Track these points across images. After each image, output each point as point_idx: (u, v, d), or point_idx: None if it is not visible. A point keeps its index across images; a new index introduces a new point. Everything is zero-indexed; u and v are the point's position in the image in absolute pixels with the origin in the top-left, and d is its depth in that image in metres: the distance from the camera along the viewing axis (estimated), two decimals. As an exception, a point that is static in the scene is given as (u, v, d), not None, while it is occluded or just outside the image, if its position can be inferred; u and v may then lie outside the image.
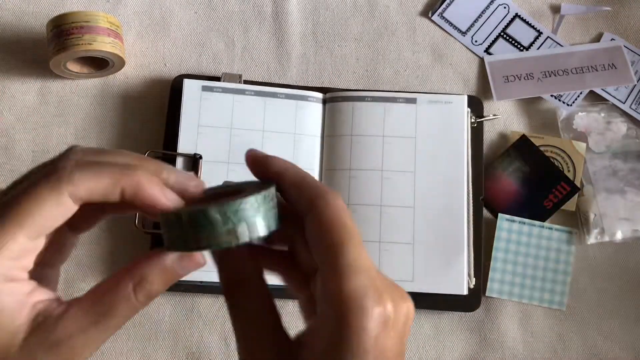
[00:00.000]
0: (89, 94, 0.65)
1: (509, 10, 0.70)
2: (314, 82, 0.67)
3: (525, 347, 0.62)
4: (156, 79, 0.66)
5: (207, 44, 0.67)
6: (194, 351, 0.60)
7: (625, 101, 0.67)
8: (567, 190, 0.64)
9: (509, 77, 0.68)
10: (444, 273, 0.60)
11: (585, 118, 0.67)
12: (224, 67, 0.67)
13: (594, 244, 0.64)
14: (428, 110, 0.63)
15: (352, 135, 0.63)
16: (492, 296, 0.63)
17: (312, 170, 0.63)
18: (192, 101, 0.62)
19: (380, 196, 0.61)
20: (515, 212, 0.64)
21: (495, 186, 0.65)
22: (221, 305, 0.61)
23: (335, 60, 0.68)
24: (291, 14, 0.69)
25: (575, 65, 0.68)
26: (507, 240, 0.63)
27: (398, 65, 0.68)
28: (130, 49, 0.66)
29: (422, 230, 0.61)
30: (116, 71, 0.65)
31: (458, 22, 0.70)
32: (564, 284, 0.63)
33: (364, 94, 0.64)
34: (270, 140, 0.62)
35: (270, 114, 0.63)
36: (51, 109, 0.65)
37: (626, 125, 0.67)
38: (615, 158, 0.66)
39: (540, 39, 0.69)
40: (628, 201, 0.64)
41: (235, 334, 0.28)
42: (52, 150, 0.63)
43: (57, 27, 0.59)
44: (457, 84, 0.68)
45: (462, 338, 0.62)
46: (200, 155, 0.61)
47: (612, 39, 0.69)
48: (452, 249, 0.60)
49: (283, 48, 0.68)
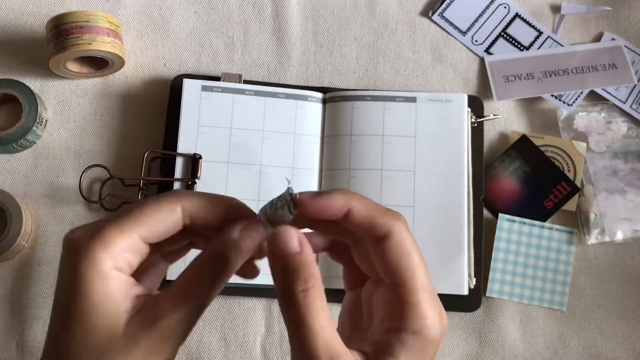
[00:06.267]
0: (88, 94, 0.65)
1: (509, 10, 0.70)
2: (314, 82, 0.67)
3: (525, 348, 0.62)
4: (156, 78, 0.66)
5: (207, 43, 0.67)
6: (194, 351, 0.60)
7: (625, 101, 0.67)
8: (567, 190, 0.64)
9: (509, 77, 0.68)
10: (444, 273, 0.60)
11: (586, 118, 0.66)
12: (223, 67, 0.67)
13: (595, 244, 0.64)
14: (428, 109, 0.63)
15: (351, 135, 0.63)
16: (493, 296, 0.62)
17: (312, 170, 0.63)
18: (191, 101, 0.62)
19: (380, 196, 0.61)
20: (516, 212, 0.64)
21: (496, 186, 0.65)
22: (221, 305, 0.61)
23: (335, 60, 0.68)
24: (291, 14, 0.69)
25: (575, 65, 0.68)
26: (507, 240, 0.63)
27: (398, 65, 0.68)
28: (130, 48, 0.66)
29: (422, 230, 0.61)
30: (116, 71, 0.65)
31: (458, 22, 0.69)
32: (565, 284, 0.63)
33: (364, 93, 0.64)
34: (270, 140, 0.62)
35: (270, 113, 0.63)
36: (50, 109, 0.64)
37: (627, 125, 0.66)
38: (615, 158, 0.66)
39: (540, 38, 0.69)
40: (628, 201, 0.64)
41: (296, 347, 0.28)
42: (52, 150, 0.63)
43: (57, 27, 0.59)
44: (457, 84, 0.68)
45: (463, 338, 0.62)
46: (200, 155, 0.61)
47: (613, 38, 0.69)
48: (452, 249, 0.60)
49: (283, 48, 0.68)
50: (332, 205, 0.30)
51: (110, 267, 0.28)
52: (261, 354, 0.61)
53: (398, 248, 0.30)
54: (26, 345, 0.59)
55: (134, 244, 0.29)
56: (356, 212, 0.30)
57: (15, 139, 0.60)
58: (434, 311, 0.29)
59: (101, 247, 0.28)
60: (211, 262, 0.30)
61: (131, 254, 0.30)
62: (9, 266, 0.61)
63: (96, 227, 0.29)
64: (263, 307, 0.61)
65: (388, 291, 0.30)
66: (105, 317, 0.28)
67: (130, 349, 0.28)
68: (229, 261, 0.30)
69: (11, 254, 0.59)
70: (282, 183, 0.61)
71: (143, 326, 0.28)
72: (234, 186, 0.61)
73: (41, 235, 0.62)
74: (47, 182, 0.63)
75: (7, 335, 0.59)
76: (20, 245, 0.60)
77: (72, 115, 0.65)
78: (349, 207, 0.30)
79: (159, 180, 0.62)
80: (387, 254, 0.30)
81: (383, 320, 0.30)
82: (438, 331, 0.29)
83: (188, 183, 0.61)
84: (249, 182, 0.61)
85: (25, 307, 0.60)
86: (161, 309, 0.28)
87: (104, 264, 0.28)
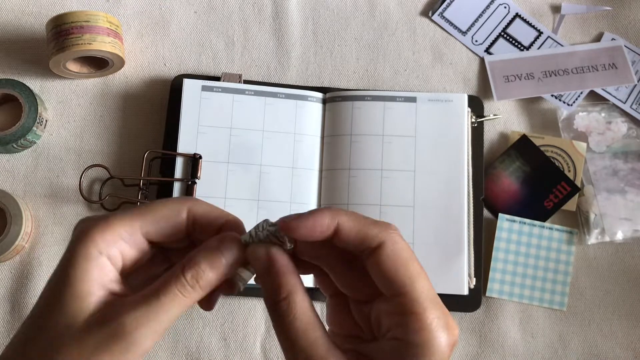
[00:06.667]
0: (88, 94, 0.65)
1: (509, 10, 0.70)
2: (314, 82, 0.67)
3: (525, 348, 0.62)
4: (156, 78, 0.66)
5: (206, 43, 0.67)
6: (194, 351, 0.60)
7: (625, 101, 0.67)
8: (567, 190, 0.64)
9: (509, 76, 0.68)
10: (444, 273, 0.60)
11: (586, 118, 0.66)
12: (223, 66, 0.67)
13: (595, 244, 0.64)
14: (428, 108, 0.63)
15: (352, 135, 0.63)
16: (493, 296, 0.62)
17: (312, 170, 0.63)
18: (191, 101, 0.62)
19: (380, 196, 0.61)
20: (516, 212, 0.64)
21: (496, 186, 0.65)
22: (221, 305, 0.61)
23: (335, 60, 0.68)
24: (291, 14, 0.69)
25: (575, 65, 0.68)
26: (507, 240, 0.63)
27: (398, 65, 0.68)
28: (130, 48, 0.66)
29: (422, 230, 0.61)
30: (116, 71, 0.65)
31: (458, 22, 0.69)
32: (565, 284, 0.63)
33: (364, 93, 0.64)
34: (270, 140, 0.62)
35: (270, 113, 0.63)
36: (50, 109, 0.64)
37: (627, 125, 0.66)
38: (615, 158, 0.66)
39: (540, 38, 0.69)
40: (628, 201, 0.64)
41: (284, 348, 0.29)
42: (52, 150, 0.63)
43: (57, 27, 0.59)
44: (457, 84, 0.68)
45: (463, 338, 0.62)
46: (200, 155, 0.61)
47: (613, 38, 0.69)
48: (452, 249, 0.60)
49: (283, 48, 0.68)
50: (319, 224, 0.29)
51: (100, 251, 0.28)
52: (261, 354, 0.61)
53: (393, 258, 0.29)
54: (26, 345, 0.59)
55: (134, 235, 0.29)
56: (346, 227, 0.29)
57: (15, 139, 0.60)
58: (439, 321, 0.28)
59: (99, 231, 0.28)
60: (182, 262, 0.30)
61: (128, 245, 0.30)
62: (9, 266, 0.61)
63: (105, 216, 0.30)
64: (263, 307, 0.61)
65: (389, 303, 0.29)
66: (73, 300, 0.28)
67: (83, 340, 0.27)
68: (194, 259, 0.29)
69: (11, 254, 0.59)
70: (282, 183, 0.61)
71: (99, 320, 0.27)
72: (234, 186, 0.61)
73: (41, 235, 0.62)
74: (47, 182, 0.63)
75: (7, 335, 0.59)
76: (20, 246, 0.60)
77: (72, 115, 0.65)
78: (337, 223, 0.30)
79: (159, 180, 0.62)
80: (383, 264, 0.29)
81: (387, 330, 0.29)
82: (445, 340, 0.28)
83: (188, 183, 0.61)
84: (249, 182, 0.61)
85: (25, 307, 0.60)
86: (122, 307, 0.28)
87: (94, 247, 0.28)
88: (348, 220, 0.30)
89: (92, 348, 0.27)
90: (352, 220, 0.30)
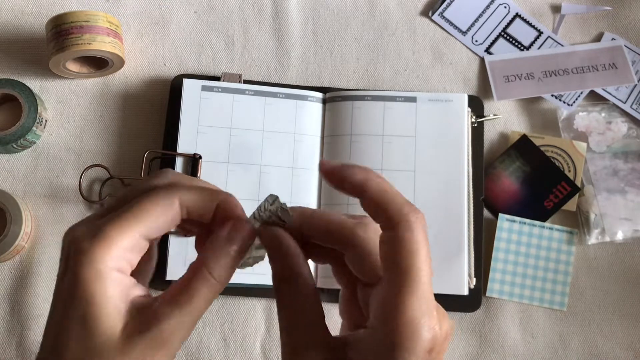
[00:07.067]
0: (88, 94, 0.65)
1: (509, 9, 0.70)
2: (313, 81, 0.67)
3: (525, 348, 0.62)
4: (156, 78, 0.66)
5: (206, 43, 0.67)
6: (194, 351, 0.60)
7: (625, 101, 0.67)
8: (567, 190, 0.64)
9: (509, 76, 0.68)
10: (444, 273, 0.60)
11: (586, 118, 0.66)
12: (223, 66, 0.67)
13: (595, 244, 0.64)
14: (428, 108, 0.63)
15: (352, 135, 0.63)
16: (493, 296, 0.62)
17: (312, 170, 0.63)
18: (191, 101, 0.62)
19: (380, 196, 0.61)
20: (516, 212, 0.64)
21: (496, 186, 0.65)
22: (221, 305, 0.61)
23: (335, 60, 0.68)
24: (291, 14, 0.69)
25: (575, 65, 0.68)
26: (507, 240, 0.63)
27: (398, 65, 0.68)
28: (129, 48, 0.66)
29: (422, 230, 0.60)
30: (115, 71, 0.65)
31: (458, 22, 0.69)
32: (565, 284, 0.63)
33: (364, 93, 0.64)
34: (270, 140, 0.62)
35: (270, 113, 0.63)
36: (50, 109, 0.64)
37: (627, 125, 0.66)
38: (615, 158, 0.66)
39: (540, 38, 0.69)
40: (629, 201, 0.64)
41: (281, 327, 0.30)
42: (52, 150, 0.63)
43: (57, 27, 0.59)
44: (457, 84, 0.68)
45: (463, 338, 0.62)
46: (199, 155, 0.61)
47: (613, 38, 0.69)
48: (452, 249, 0.60)
49: (283, 48, 0.68)
50: (352, 174, 0.30)
51: (111, 268, 0.28)
52: (261, 354, 0.61)
53: (407, 243, 0.29)
54: (26, 345, 0.59)
55: (135, 242, 0.29)
56: (375, 186, 0.30)
57: (15, 139, 0.60)
58: (430, 320, 0.28)
59: (103, 248, 0.28)
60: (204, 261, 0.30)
61: (132, 253, 0.30)
62: (8, 266, 0.61)
63: (97, 226, 0.29)
64: (263, 307, 0.61)
65: (383, 288, 0.29)
66: (104, 319, 0.28)
67: (127, 352, 0.28)
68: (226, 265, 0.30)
69: (11, 254, 0.59)
70: (282, 183, 0.61)
71: (139, 330, 0.28)
72: (234, 186, 0.61)
73: (41, 235, 0.62)
74: (47, 182, 0.63)
75: (7, 335, 0.59)
76: (20, 246, 0.60)
77: (72, 115, 0.65)
78: (368, 179, 0.30)
79: (159, 180, 0.62)
80: (395, 245, 0.29)
81: (374, 318, 0.29)
82: (428, 337, 0.27)
83: (188, 183, 0.61)
84: (249, 182, 0.61)
85: (25, 307, 0.60)
86: (158, 313, 0.28)
87: (104, 265, 0.28)
88: (380, 180, 0.30)
89: (141, 357, 0.28)
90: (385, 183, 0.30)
